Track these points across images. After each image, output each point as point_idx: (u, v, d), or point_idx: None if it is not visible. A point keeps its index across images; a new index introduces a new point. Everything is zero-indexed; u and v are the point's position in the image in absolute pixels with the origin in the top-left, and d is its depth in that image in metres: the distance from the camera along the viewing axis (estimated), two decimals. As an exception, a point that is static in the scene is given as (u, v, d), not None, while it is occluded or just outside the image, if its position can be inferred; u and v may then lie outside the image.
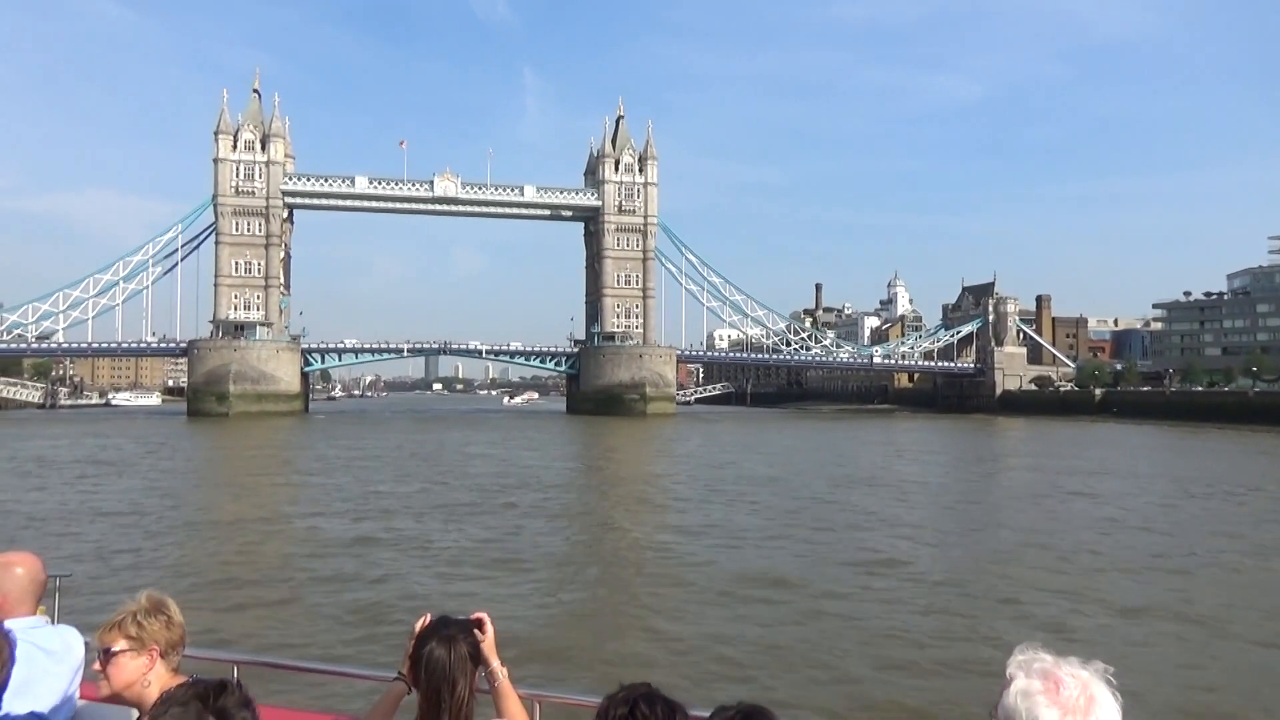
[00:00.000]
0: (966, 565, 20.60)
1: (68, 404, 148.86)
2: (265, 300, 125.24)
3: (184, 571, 19.37)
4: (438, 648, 3.03)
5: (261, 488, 36.37)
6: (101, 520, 26.16)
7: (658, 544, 23.02)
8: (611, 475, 43.10)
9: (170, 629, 3.14)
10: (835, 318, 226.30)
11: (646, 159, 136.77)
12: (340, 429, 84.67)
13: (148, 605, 3.13)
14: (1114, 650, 13.60)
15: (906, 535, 24.84)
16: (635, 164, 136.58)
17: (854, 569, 19.85)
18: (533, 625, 15.01)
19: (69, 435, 70.36)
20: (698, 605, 16.50)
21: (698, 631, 14.72)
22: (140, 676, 3.07)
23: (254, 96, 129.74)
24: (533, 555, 21.41)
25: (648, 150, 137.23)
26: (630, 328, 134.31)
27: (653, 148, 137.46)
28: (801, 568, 20.02)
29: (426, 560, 20.60)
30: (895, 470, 45.44)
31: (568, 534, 25.04)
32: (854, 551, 22.01)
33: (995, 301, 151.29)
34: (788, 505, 30.63)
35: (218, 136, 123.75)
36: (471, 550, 21.86)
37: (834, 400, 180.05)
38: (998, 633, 14.38)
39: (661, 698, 2.50)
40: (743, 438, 75.76)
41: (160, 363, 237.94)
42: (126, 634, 3.08)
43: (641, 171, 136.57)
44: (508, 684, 3.25)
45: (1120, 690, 1.89)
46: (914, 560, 20.98)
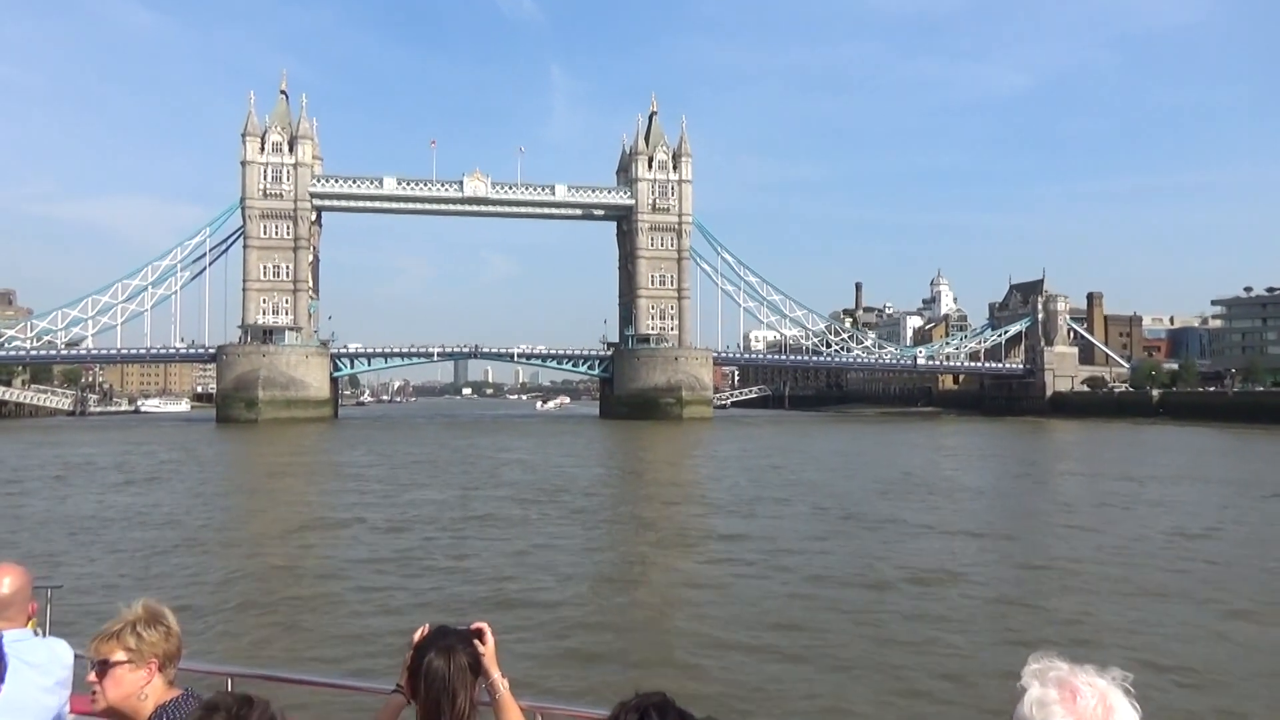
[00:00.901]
0: (1027, 577, 20.09)
1: (97, 411, 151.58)
2: (294, 304, 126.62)
3: (201, 581, 19.41)
4: (436, 659, 2.99)
5: (290, 496, 36.57)
6: (124, 528, 26.38)
7: (700, 551, 22.74)
8: (650, 481, 42.87)
9: (169, 640, 3.10)
10: (876, 318, 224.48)
11: (680, 156, 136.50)
12: (371, 435, 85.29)
13: (146, 615, 3.08)
14: (1193, 670, 13.12)
15: (960, 544, 24.34)
16: (669, 161, 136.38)
17: (908, 579, 19.43)
18: (568, 636, 14.80)
19: (99, 442, 71.50)
20: (742, 615, 16.19)
21: (742, 642, 14.42)
22: (138, 689, 3.02)
23: (281, 98, 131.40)
24: (570, 564, 21.22)
25: (681, 147, 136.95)
26: (665, 329, 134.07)
27: (687, 144, 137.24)
28: (852, 577, 19.64)
29: (457, 572, 20.48)
30: (944, 475, 44.78)
31: (607, 542, 24.84)
32: (907, 560, 21.58)
33: (1044, 299, 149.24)
34: (834, 511, 30.21)
35: (245, 139, 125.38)
36: (507, 561, 21.70)
37: (875, 403, 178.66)
38: (1065, 649, 13.90)
39: (675, 708, 2.50)
40: (783, 442, 75.27)
41: (189, 369, 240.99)
42: (125, 645, 3.02)
43: (675, 169, 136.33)
44: (509, 696, 3.20)
45: None
46: (970, 571, 20.51)
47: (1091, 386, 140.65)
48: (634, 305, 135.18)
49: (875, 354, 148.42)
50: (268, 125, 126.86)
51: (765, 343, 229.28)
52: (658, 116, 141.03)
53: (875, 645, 14.48)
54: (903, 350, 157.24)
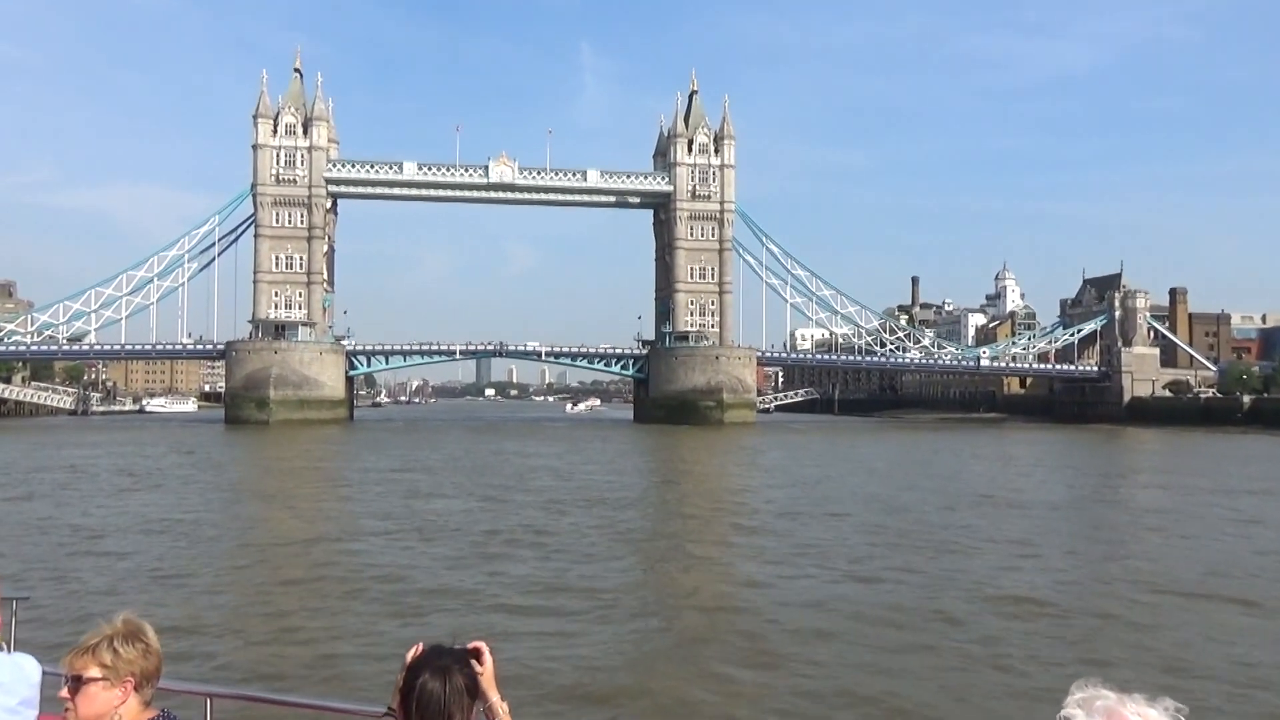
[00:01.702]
0: (1114, 608, 19.59)
1: (100, 410, 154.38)
2: (307, 298, 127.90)
3: (198, 593, 19.46)
4: (431, 680, 2.98)
5: (303, 504, 36.75)
6: (120, 537, 26.61)
7: (746, 573, 22.46)
8: (691, 492, 42.63)
9: (147, 658, 3.13)
10: (935, 315, 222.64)
11: (723, 139, 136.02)
12: (389, 439, 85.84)
13: (124, 630, 3.12)
14: None
15: (1036, 568, 23.83)
16: (710, 144, 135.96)
17: (978, 606, 19.03)
18: (597, 666, 14.60)
19: (102, 444, 72.58)
20: (791, 646, 15.90)
21: (792, 680, 14.13)
22: (111, 709, 3.06)
23: (295, 77, 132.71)
24: (603, 586, 21.03)
25: (724, 129, 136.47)
26: (705, 326, 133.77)
27: (730, 126, 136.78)
28: (916, 603, 19.25)
29: (478, 593, 20.36)
30: (1012, 488, 44.13)
31: (643, 561, 24.64)
32: (976, 584, 21.15)
33: (1122, 295, 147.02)
34: (893, 528, 29.80)
35: (257, 120, 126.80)
36: (535, 581, 21.57)
37: (933, 408, 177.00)
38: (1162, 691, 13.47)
39: None
40: (834, 449, 74.80)
41: (196, 366, 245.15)
42: (100, 661, 3.05)
43: (717, 153, 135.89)
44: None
45: None
46: (1049, 599, 20.04)
47: (1174, 391, 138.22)
48: (672, 300, 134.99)
49: (934, 354, 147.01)
50: (281, 106, 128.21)
51: (813, 341, 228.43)
52: (698, 96, 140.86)
53: (949, 692, 14.12)
54: (964, 350, 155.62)
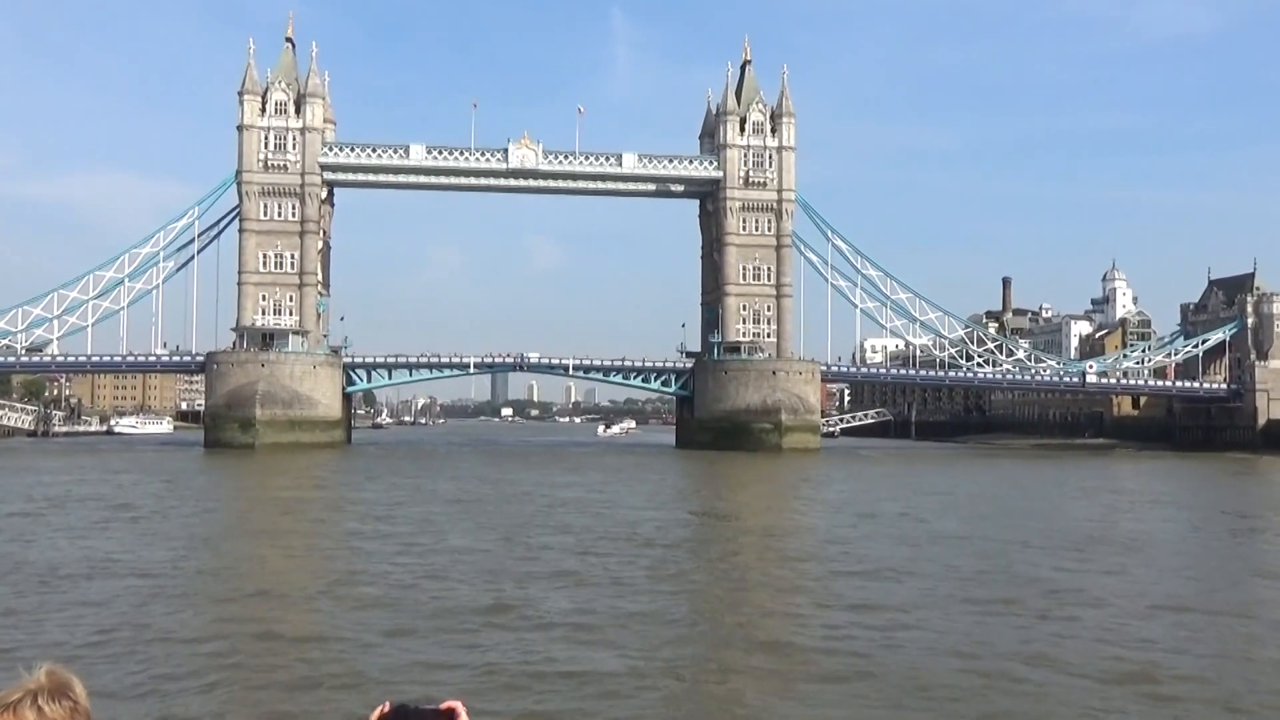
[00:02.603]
0: (1253, 673, 18.98)
1: (63, 431, 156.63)
2: (299, 302, 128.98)
3: (161, 647, 19.36)
4: None
5: (293, 543, 36.81)
6: (75, 581, 26.67)
7: (822, 628, 22.07)
8: (749, 536, 42.22)
9: (75, 716, 3.07)
10: (1030, 322, 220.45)
11: (781, 116, 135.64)
12: (392, 465, 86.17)
13: (50, 685, 3.06)
14: None
15: (1163, 626, 23.21)
16: (765, 123, 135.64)
17: (1094, 683, 18.47)
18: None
19: (65, 470, 73.42)
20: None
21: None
22: None
23: (286, 47, 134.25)
24: (643, 646, 20.73)
25: (782, 105, 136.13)
26: (760, 336, 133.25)
27: (788, 101, 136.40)
28: (1019, 676, 18.74)
29: (492, 664, 20.15)
30: (1127, 529, 43.43)
31: (695, 620, 24.31)
32: (1089, 653, 20.59)
33: (1255, 299, 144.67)
34: (988, 580, 29.22)
35: (243, 98, 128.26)
36: (564, 640, 21.31)
37: (1029, 432, 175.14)
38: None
39: None
40: (912, 481, 74.17)
41: (172, 381, 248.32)
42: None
43: (774, 133, 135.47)
44: None
45: None
46: (1181, 665, 19.47)
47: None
48: (721, 305, 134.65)
49: (1030, 369, 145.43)
50: (270, 81, 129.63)
51: (885, 354, 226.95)
52: (751, 67, 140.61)
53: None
54: (1067, 364, 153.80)
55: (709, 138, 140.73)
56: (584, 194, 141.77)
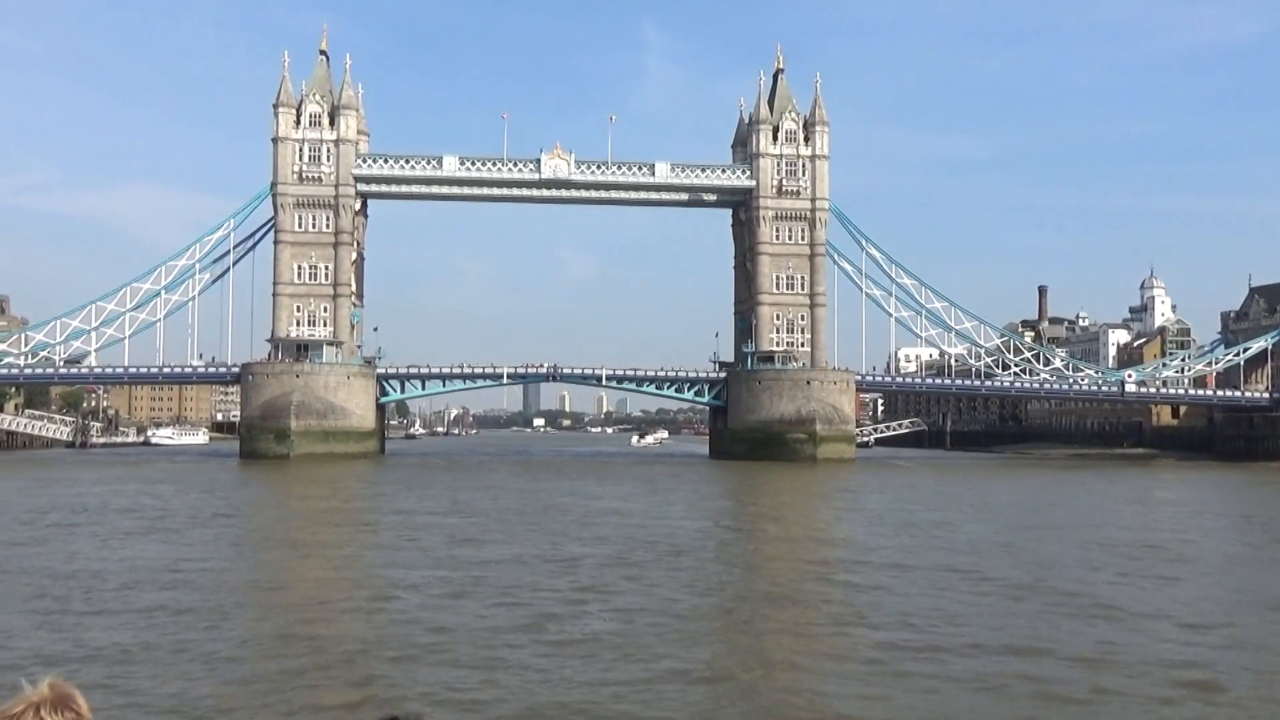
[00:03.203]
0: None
1: (101, 442, 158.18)
2: (333, 313, 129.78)
3: (187, 661, 19.42)
4: None
5: (332, 556, 36.91)
6: (120, 592, 26.82)
7: (868, 639, 21.86)
8: (796, 540, 41.98)
9: None
10: (1066, 331, 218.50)
11: (814, 125, 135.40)
12: (428, 476, 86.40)
13: (52, 697, 3.13)
14: None
15: (1215, 640, 22.83)
16: (799, 131, 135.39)
17: (1153, 688, 18.18)
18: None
19: (105, 481, 74.08)
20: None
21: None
22: None
23: (320, 60, 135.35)
24: (680, 666, 20.60)
25: (815, 113, 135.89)
26: (794, 345, 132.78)
27: (822, 110, 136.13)
28: (1072, 692, 18.47)
29: (537, 675, 20.08)
30: (1171, 541, 42.77)
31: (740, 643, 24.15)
32: (1147, 667, 20.27)
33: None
34: (1035, 592, 28.87)
35: (277, 110, 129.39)
36: (603, 662, 21.21)
37: (1066, 442, 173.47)
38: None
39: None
40: (949, 491, 73.78)
41: (208, 392, 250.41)
42: None
43: (808, 141, 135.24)
44: None
45: None
46: (1234, 682, 19.14)
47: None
48: (754, 314, 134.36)
49: (1068, 378, 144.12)
50: (304, 93, 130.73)
51: (919, 363, 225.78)
52: (784, 75, 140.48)
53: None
54: (1105, 373, 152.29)
55: (741, 147, 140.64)
56: (616, 204, 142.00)
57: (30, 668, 18.53)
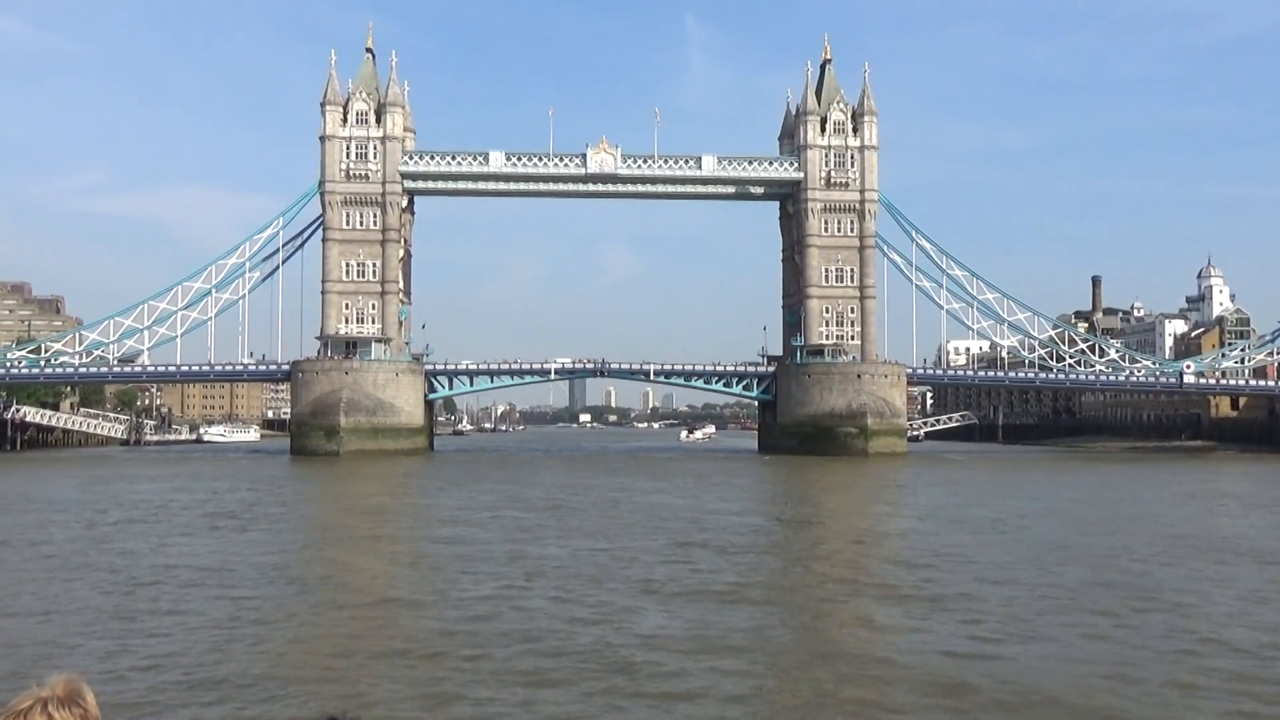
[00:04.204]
0: None
1: (154, 439, 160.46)
2: (381, 310, 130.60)
3: (266, 660, 19.41)
4: None
5: (392, 552, 37.04)
6: (183, 588, 26.99)
7: (927, 637, 21.52)
8: (852, 535, 41.60)
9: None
10: (1121, 322, 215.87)
11: (862, 115, 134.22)
12: (478, 472, 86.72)
13: (62, 694, 3.19)
14: None
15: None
16: (847, 122, 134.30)
17: (1224, 702, 17.71)
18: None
19: (161, 478, 75.05)
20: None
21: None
22: None
23: (367, 58, 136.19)
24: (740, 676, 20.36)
25: (864, 103, 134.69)
26: (844, 338, 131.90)
27: (870, 100, 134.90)
28: (1140, 693, 18.03)
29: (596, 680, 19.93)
30: (1242, 538, 41.92)
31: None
32: (1214, 670, 19.76)
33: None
34: (1098, 590, 28.30)
35: (324, 109, 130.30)
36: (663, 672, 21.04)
37: (1121, 434, 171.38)
38: None
39: None
40: (1003, 485, 73.09)
41: (259, 389, 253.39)
42: None
43: (856, 132, 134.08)
44: None
45: None
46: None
47: None
48: (803, 308, 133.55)
49: (1124, 369, 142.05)
50: (351, 92, 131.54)
51: (968, 356, 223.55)
52: (831, 66, 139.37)
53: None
54: (1162, 365, 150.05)
55: (788, 139, 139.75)
56: (663, 197, 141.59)
57: (93, 665, 18.67)
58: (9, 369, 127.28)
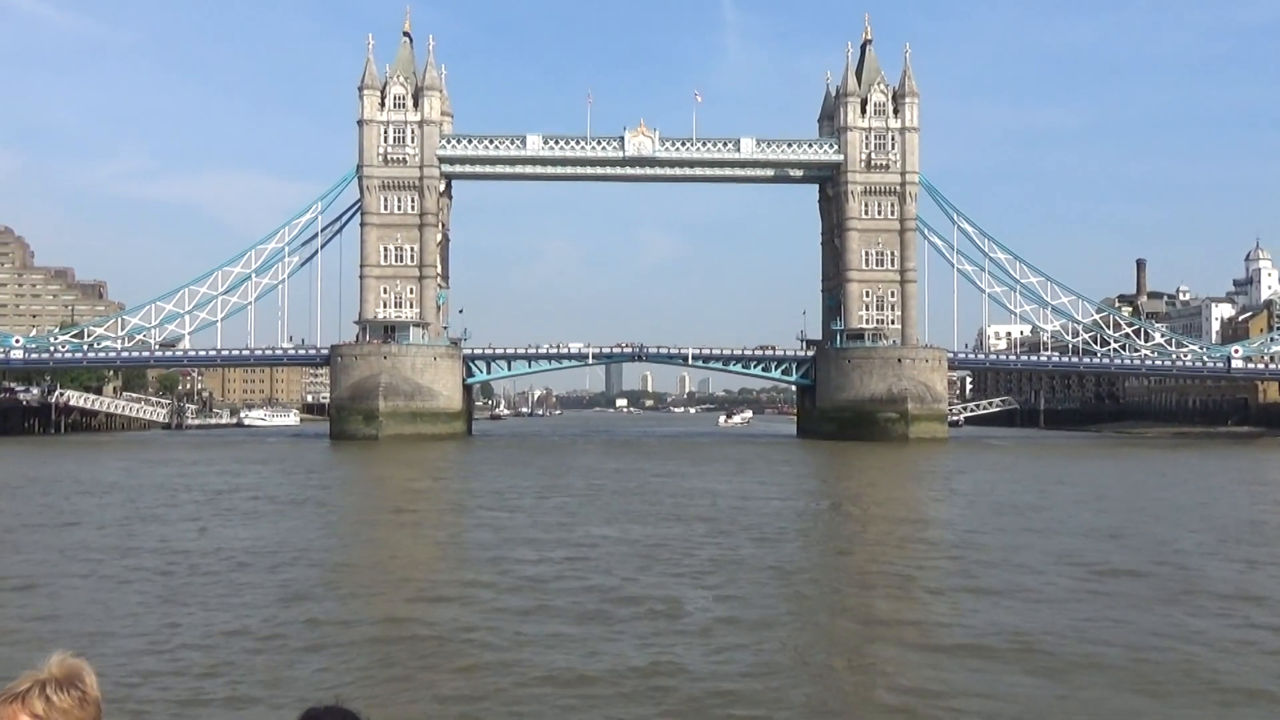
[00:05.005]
0: None
1: (195, 423, 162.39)
2: (419, 294, 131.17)
3: (314, 639, 19.50)
4: None
5: (437, 535, 37.17)
6: (232, 571, 27.20)
7: (978, 625, 21.31)
8: (898, 521, 41.34)
9: (84, 707, 3.18)
10: (1166, 306, 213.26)
11: (903, 97, 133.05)
12: (518, 456, 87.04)
13: (60, 675, 3.18)
14: None
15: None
16: (888, 104, 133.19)
17: None
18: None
19: (205, 462, 75.81)
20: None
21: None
22: None
23: (404, 42, 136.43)
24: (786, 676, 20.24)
25: (905, 84, 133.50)
26: (884, 323, 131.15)
27: (911, 80, 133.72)
28: (1192, 685, 17.75)
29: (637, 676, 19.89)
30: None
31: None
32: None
33: None
34: (1153, 580, 27.91)
35: (362, 93, 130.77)
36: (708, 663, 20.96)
37: (1166, 420, 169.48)
38: None
39: None
40: (1046, 471, 72.37)
41: (298, 374, 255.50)
42: (31, 711, 3.12)
43: (897, 114, 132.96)
44: None
45: None
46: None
47: None
48: (842, 292, 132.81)
49: (1170, 354, 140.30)
50: (389, 76, 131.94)
51: (1009, 340, 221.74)
52: (872, 46, 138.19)
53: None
54: (1209, 349, 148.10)
55: (828, 121, 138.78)
56: (701, 180, 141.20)
57: (140, 649, 18.85)
58: (53, 353, 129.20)
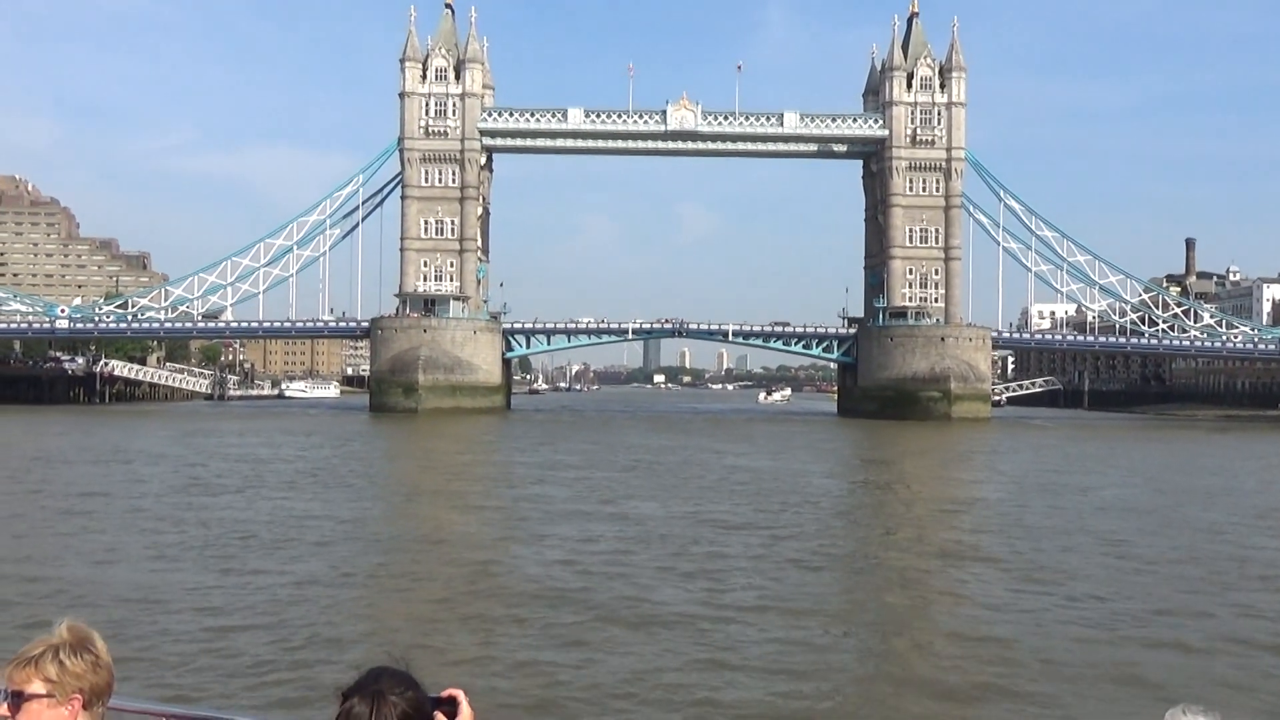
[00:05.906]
0: None
1: (237, 394, 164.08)
2: (459, 268, 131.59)
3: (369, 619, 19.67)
4: (359, 705, 3.02)
5: (478, 508, 37.37)
6: (280, 542, 27.49)
7: (1023, 608, 21.17)
8: (940, 501, 41.17)
9: (97, 671, 3.23)
10: (1216, 286, 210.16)
11: (950, 71, 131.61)
12: (558, 431, 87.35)
13: (71, 640, 3.24)
14: None
15: None
16: (934, 78, 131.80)
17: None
18: None
19: (247, 433, 76.68)
20: None
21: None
22: None
23: (446, 14, 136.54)
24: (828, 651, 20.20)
25: (952, 59, 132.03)
26: (928, 301, 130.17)
27: (959, 54, 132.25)
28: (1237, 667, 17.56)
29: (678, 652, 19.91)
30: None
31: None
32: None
33: None
34: (1203, 566, 27.60)
35: (404, 65, 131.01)
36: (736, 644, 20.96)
37: (1214, 402, 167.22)
38: None
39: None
40: (1091, 452, 71.85)
41: (338, 346, 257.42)
42: (45, 675, 3.17)
43: (943, 88, 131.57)
44: None
45: None
46: None
47: None
48: (886, 269, 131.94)
49: (1220, 335, 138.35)
50: (430, 48, 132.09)
51: (1053, 319, 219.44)
52: (919, 19, 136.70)
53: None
54: (1261, 330, 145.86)
55: (873, 95, 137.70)
56: (743, 155, 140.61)
57: (191, 619, 19.09)
58: (98, 323, 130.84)
